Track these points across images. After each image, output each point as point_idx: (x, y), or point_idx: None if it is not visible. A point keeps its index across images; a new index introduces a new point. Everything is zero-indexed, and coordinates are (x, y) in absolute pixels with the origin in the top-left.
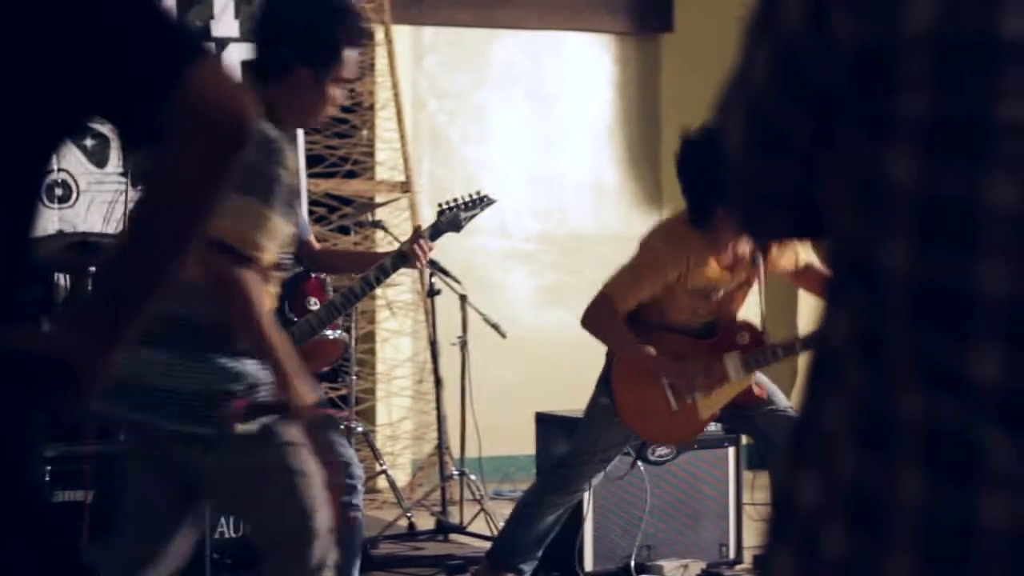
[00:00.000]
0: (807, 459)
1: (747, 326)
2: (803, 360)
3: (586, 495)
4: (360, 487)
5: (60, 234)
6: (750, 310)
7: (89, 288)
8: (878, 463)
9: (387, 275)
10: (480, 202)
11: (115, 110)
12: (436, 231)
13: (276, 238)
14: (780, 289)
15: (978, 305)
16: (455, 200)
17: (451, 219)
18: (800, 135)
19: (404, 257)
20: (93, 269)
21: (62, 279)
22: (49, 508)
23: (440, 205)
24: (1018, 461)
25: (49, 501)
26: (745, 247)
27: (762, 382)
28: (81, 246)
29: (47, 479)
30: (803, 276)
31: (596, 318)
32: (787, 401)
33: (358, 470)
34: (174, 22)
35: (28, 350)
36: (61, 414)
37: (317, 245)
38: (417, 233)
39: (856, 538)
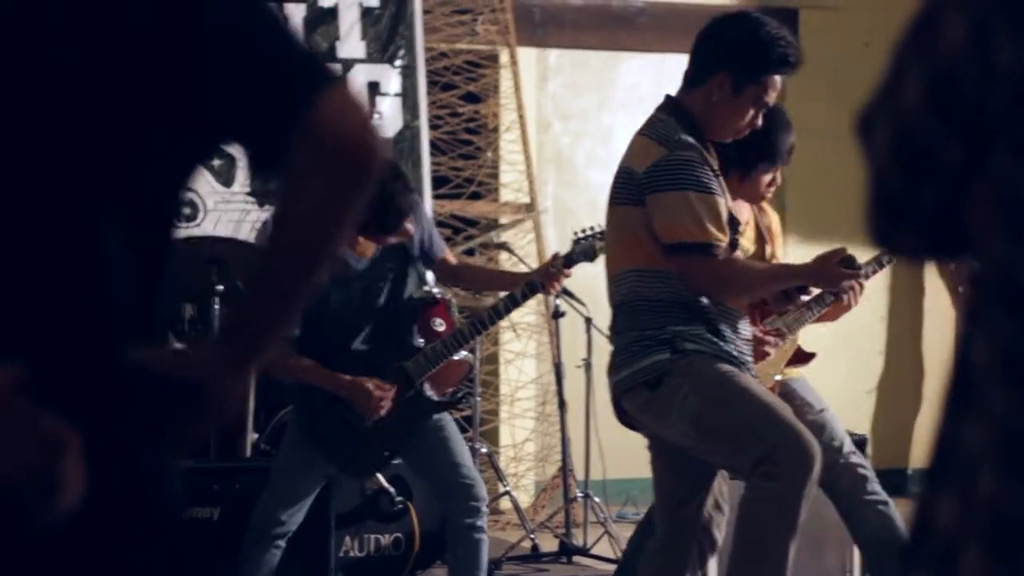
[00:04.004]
0: (945, 482)
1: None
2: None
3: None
4: (484, 509)
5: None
6: None
7: (215, 307)
8: (1019, 487)
9: (517, 305)
10: None
11: (244, 135)
12: (571, 259)
13: (717, 217)
14: (904, 297)
15: None
16: (591, 228)
17: (586, 248)
18: (949, 158)
19: (534, 287)
20: (220, 288)
21: (188, 297)
22: (184, 526)
23: (576, 233)
24: None
25: (183, 520)
26: (762, 219)
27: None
28: (208, 263)
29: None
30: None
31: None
32: (822, 404)
33: (482, 492)
34: (304, 47)
35: (166, 370)
36: (195, 434)
37: (454, 261)
38: (552, 262)
39: (994, 562)
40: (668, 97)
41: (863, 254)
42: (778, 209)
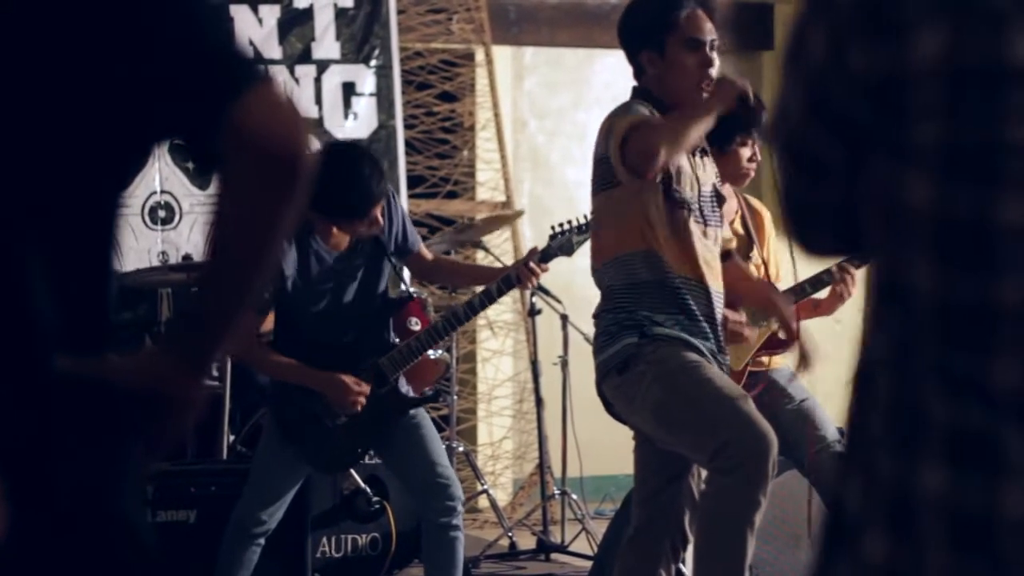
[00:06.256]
0: (853, 467)
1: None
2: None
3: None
4: (460, 508)
5: (163, 255)
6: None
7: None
8: (907, 465)
9: (492, 300)
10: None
11: (179, 136)
12: (547, 254)
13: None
14: None
15: (1000, 318)
16: (568, 223)
17: (563, 243)
18: (835, 161)
19: (510, 281)
20: (195, 290)
21: (165, 299)
22: (144, 540)
23: (552, 228)
24: None
25: (145, 533)
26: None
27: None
28: (184, 267)
29: (149, 500)
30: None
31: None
32: (804, 393)
33: (458, 491)
34: (232, 46)
35: (120, 380)
36: (159, 442)
37: (430, 256)
38: (530, 256)
39: (893, 539)
40: (633, 87)
41: None
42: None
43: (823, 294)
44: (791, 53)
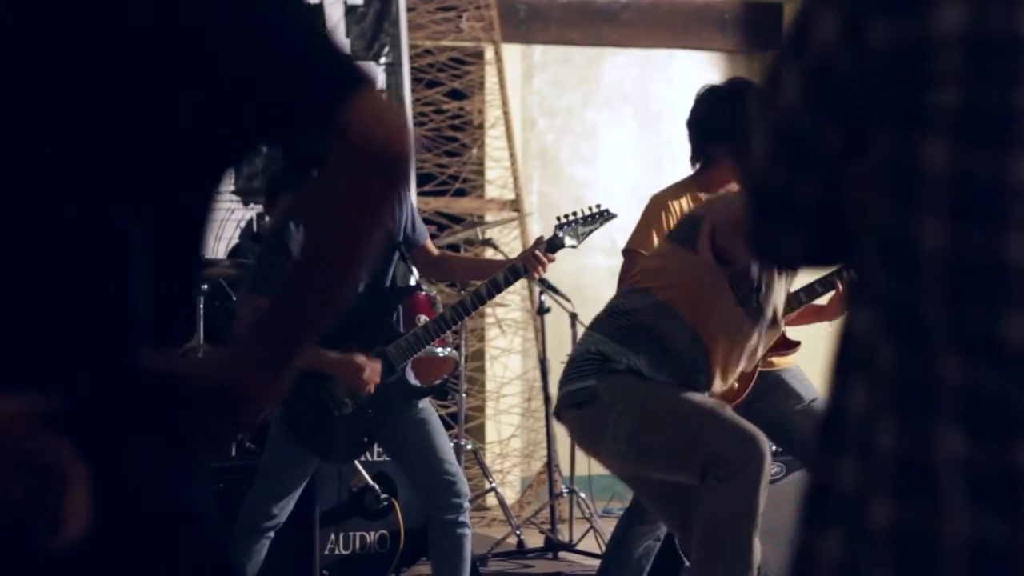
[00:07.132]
0: (842, 445)
1: None
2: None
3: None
4: (467, 505)
5: None
6: None
7: (200, 305)
8: (921, 429)
9: (499, 290)
10: (599, 216)
11: (278, 136)
12: (553, 244)
13: None
14: None
15: (1010, 275)
16: (574, 214)
17: (569, 233)
18: (828, 145)
19: (517, 272)
20: (205, 287)
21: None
22: (216, 536)
23: (558, 219)
24: None
25: (217, 529)
26: None
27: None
28: None
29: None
30: None
31: (628, 274)
32: (813, 393)
33: (464, 488)
34: (337, 48)
35: (198, 374)
36: (228, 440)
37: (436, 252)
38: (536, 245)
39: (903, 505)
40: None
41: None
42: None
43: (825, 299)
44: (787, 44)
